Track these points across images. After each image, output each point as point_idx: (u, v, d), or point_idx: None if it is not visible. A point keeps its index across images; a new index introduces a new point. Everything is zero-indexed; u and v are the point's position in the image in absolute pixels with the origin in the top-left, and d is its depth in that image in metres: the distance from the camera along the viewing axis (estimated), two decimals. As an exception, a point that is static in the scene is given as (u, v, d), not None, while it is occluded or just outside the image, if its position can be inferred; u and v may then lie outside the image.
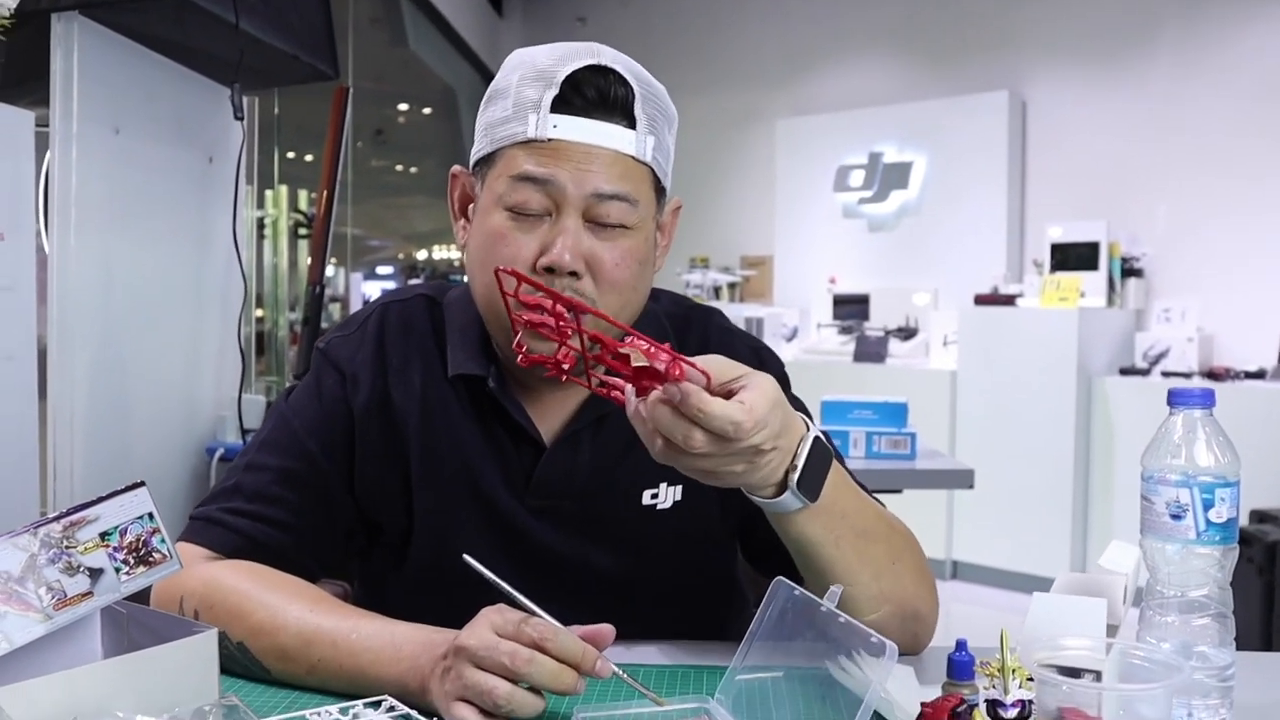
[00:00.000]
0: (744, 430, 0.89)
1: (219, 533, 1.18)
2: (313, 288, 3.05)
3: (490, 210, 1.12)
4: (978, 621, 4.32)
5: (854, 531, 1.05)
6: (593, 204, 1.09)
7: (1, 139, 2.00)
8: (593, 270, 1.11)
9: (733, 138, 7.06)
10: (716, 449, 0.90)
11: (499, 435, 1.21)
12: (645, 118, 1.12)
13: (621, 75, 1.10)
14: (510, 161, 1.10)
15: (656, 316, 1.27)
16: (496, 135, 1.12)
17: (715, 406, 0.88)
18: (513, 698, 0.88)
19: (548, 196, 1.09)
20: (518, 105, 1.10)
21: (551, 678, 0.89)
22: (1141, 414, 4.74)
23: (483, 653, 0.90)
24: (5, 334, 2.02)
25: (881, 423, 2.83)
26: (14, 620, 0.85)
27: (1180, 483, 0.92)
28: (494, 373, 1.19)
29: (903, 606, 1.11)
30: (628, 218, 1.11)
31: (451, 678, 0.92)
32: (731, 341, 1.29)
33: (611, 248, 1.11)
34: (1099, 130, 5.62)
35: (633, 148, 1.11)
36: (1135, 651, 0.83)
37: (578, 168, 1.08)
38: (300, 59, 2.67)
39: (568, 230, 1.09)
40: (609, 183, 1.09)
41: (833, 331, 6.24)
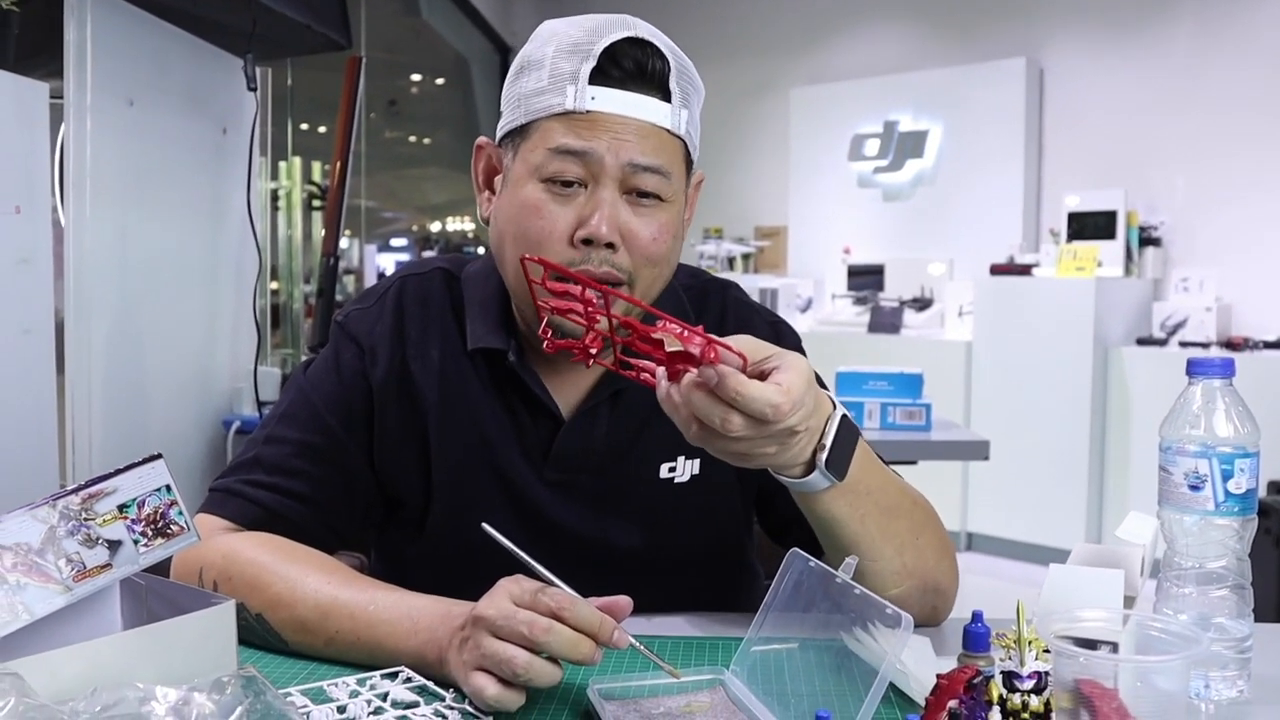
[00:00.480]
0: (782, 412, 0.88)
1: (238, 504, 1.18)
2: (327, 259, 3.06)
3: (524, 181, 1.11)
4: (992, 593, 4.33)
5: (879, 508, 1.05)
6: (629, 175, 1.09)
7: (16, 111, 2.00)
8: (628, 243, 1.10)
9: (747, 107, 7.02)
10: (753, 431, 0.89)
11: (517, 409, 1.21)
12: (679, 91, 1.12)
13: (658, 48, 1.10)
14: (547, 134, 1.09)
15: (673, 289, 1.27)
16: (532, 107, 1.11)
17: (753, 389, 0.87)
18: (531, 666, 0.89)
19: (584, 168, 1.09)
20: (554, 77, 1.09)
21: (569, 647, 0.89)
22: (1159, 384, 4.71)
23: (501, 622, 0.90)
24: (24, 308, 2.03)
25: (897, 394, 2.83)
26: (35, 592, 0.86)
27: (1199, 453, 0.91)
28: (514, 346, 1.20)
29: (924, 581, 1.11)
30: (663, 189, 1.11)
31: (470, 647, 0.92)
32: (749, 316, 1.29)
33: (647, 221, 1.11)
34: (1117, 98, 5.57)
35: (668, 120, 1.11)
36: (1152, 623, 0.82)
37: (615, 138, 1.08)
38: (313, 28, 2.66)
39: (604, 201, 1.09)
40: (644, 154, 1.09)
41: (847, 302, 6.22)
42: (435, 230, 9.54)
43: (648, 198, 1.11)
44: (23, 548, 0.86)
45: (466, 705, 0.92)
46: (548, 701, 0.94)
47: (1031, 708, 0.78)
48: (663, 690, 0.95)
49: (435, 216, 9.80)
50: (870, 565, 1.05)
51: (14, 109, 2.00)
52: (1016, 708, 0.78)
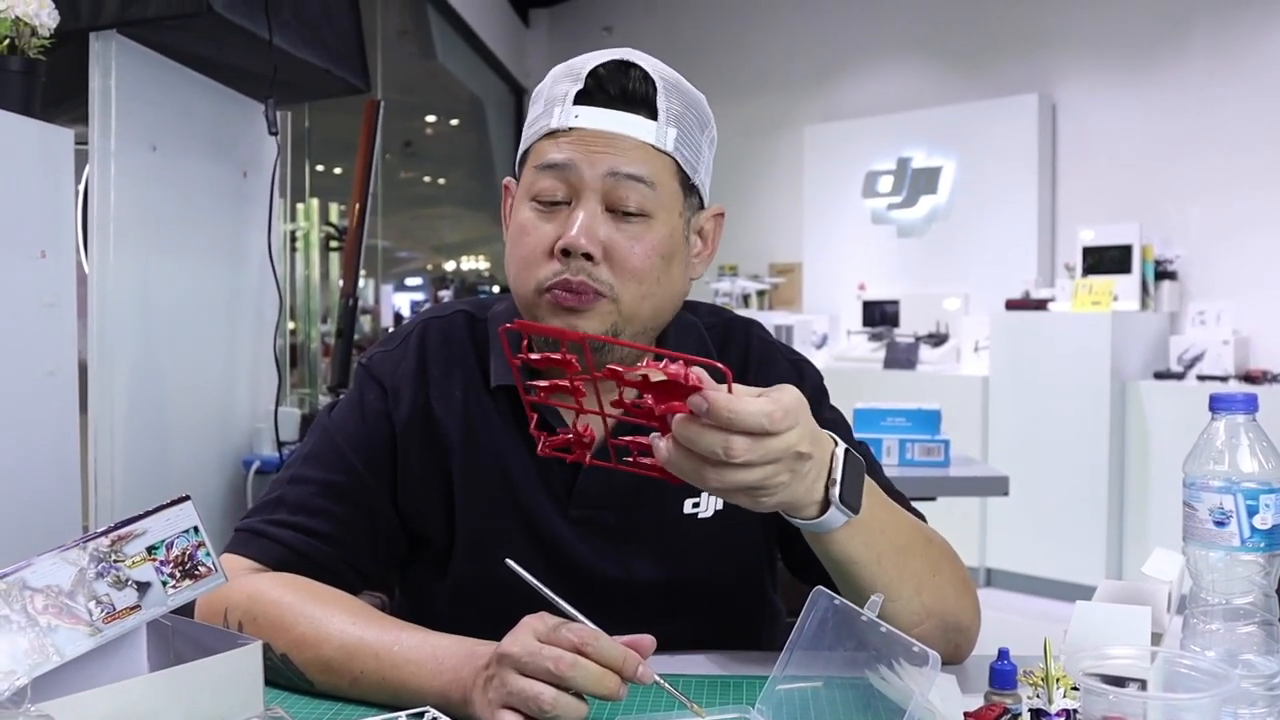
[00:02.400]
0: (776, 420, 0.87)
1: (263, 544, 1.19)
2: (346, 300, 3.08)
3: (520, 204, 1.17)
4: (1013, 629, 4.29)
5: (893, 547, 1.05)
6: (610, 186, 1.11)
7: (42, 157, 2.03)
8: (610, 257, 1.11)
9: (761, 145, 7.06)
10: (757, 454, 0.88)
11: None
12: (666, 111, 1.14)
13: (644, 70, 1.13)
14: (537, 154, 1.15)
15: (695, 328, 1.28)
16: (529, 133, 1.17)
17: (744, 403, 0.87)
18: (557, 703, 0.88)
19: (566, 183, 1.12)
20: (548, 102, 1.15)
21: (595, 682, 0.89)
22: (1177, 418, 4.69)
23: (526, 659, 0.90)
24: (48, 350, 2.05)
25: (914, 430, 2.82)
26: (65, 634, 0.87)
27: (1223, 489, 0.91)
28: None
29: (945, 619, 1.11)
30: (647, 203, 1.12)
31: (495, 685, 0.92)
32: (771, 354, 1.30)
33: (632, 238, 1.12)
34: (1130, 132, 5.58)
35: (653, 137, 1.13)
36: (1181, 660, 0.82)
37: (594, 152, 1.11)
38: (332, 73, 2.70)
39: (585, 211, 1.11)
40: (626, 164, 1.11)
41: (863, 338, 6.22)
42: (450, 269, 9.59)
43: (632, 216, 1.12)
44: (54, 590, 0.87)
45: (493, 745, 0.91)
46: (574, 740, 0.94)
47: (1060, 746, 0.78)
48: (689, 727, 0.95)
49: (450, 256, 9.86)
50: (889, 606, 1.04)
51: (39, 155, 2.03)
52: (1045, 746, 0.78)
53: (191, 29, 2.32)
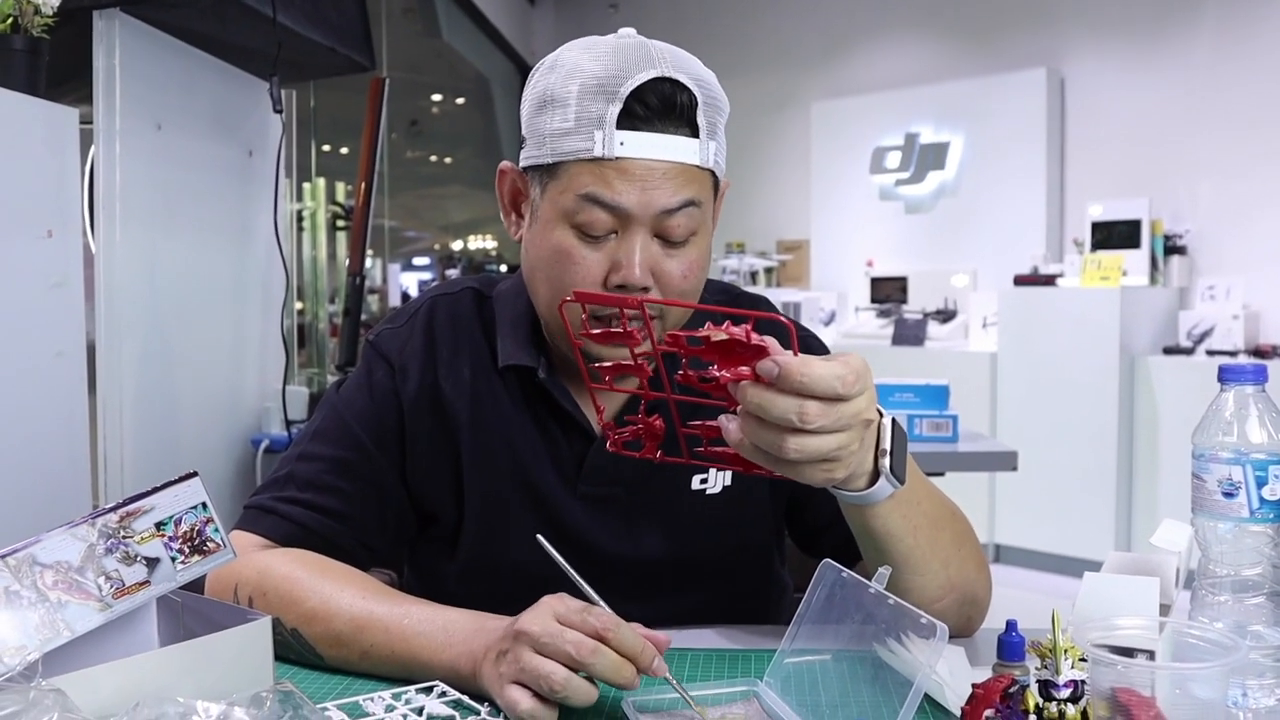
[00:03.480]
0: (849, 384, 0.86)
1: (273, 521, 1.19)
2: (353, 278, 3.08)
3: (554, 224, 1.11)
4: (1021, 605, 4.28)
5: (927, 519, 1.04)
6: (661, 220, 1.09)
7: (47, 136, 2.03)
8: (660, 283, 1.11)
9: (768, 122, 7.03)
10: (831, 418, 0.86)
11: (549, 425, 1.22)
12: (707, 123, 1.10)
13: (684, 84, 1.08)
14: (575, 179, 1.08)
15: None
16: (559, 148, 1.09)
17: (817, 366, 0.85)
18: (569, 684, 0.88)
19: (614, 217, 1.08)
20: (580, 120, 1.07)
21: (613, 670, 0.89)
22: (1186, 393, 4.68)
23: (545, 639, 0.90)
24: (56, 330, 2.05)
25: (923, 406, 2.82)
26: (75, 609, 0.87)
27: (1232, 460, 0.91)
28: (543, 363, 1.21)
29: (964, 593, 1.11)
30: (693, 223, 1.10)
31: (508, 661, 0.92)
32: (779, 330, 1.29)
33: (680, 260, 1.11)
34: (1139, 106, 5.54)
35: (697, 157, 1.09)
36: (1190, 631, 0.82)
37: (644, 188, 1.07)
38: (337, 51, 2.69)
39: (636, 248, 1.08)
40: (674, 195, 1.08)
41: (871, 315, 6.21)
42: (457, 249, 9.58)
43: (679, 240, 1.10)
44: (63, 565, 0.88)
45: (502, 719, 0.92)
46: (582, 715, 0.94)
47: (1068, 716, 0.78)
48: (696, 703, 0.95)
49: (457, 235, 9.85)
50: (918, 580, 1.04)
51: (45, 134, 2.03)
52: (1053, 716, 0.78)
53: (195, 6, 2.32)
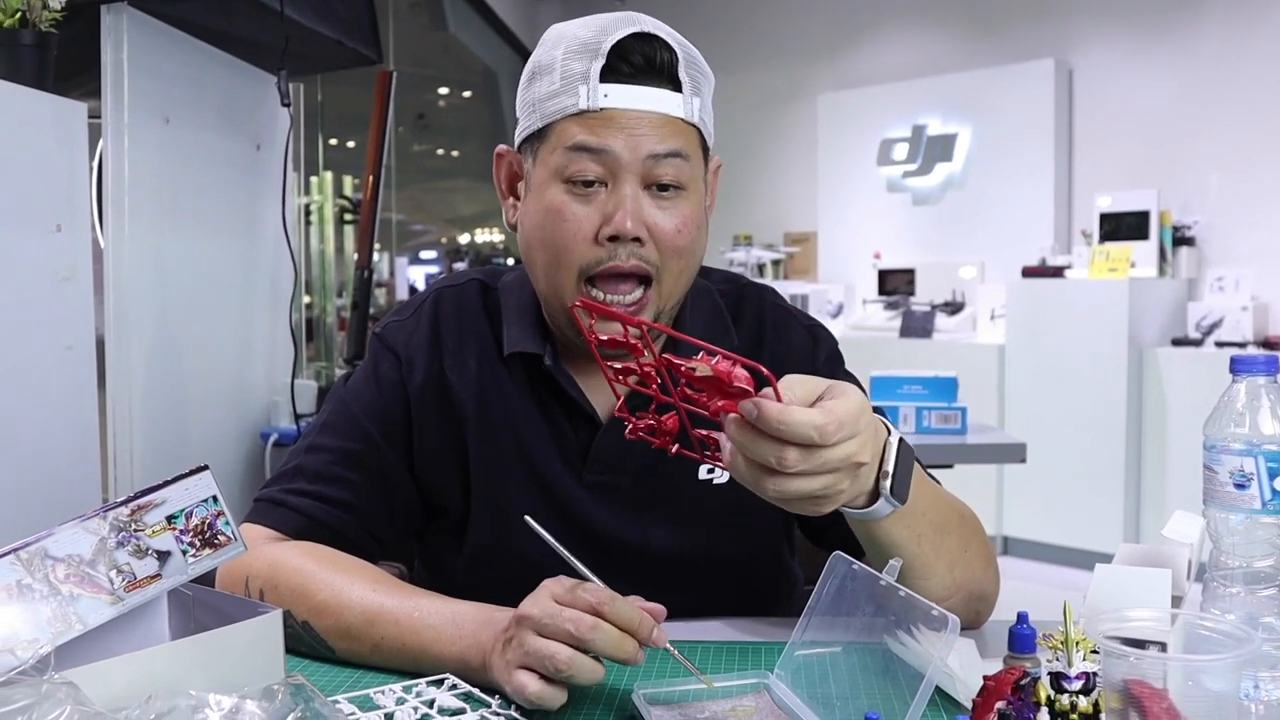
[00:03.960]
0: (828, 433, 0.85)
1: (282, 513, 1.20)
2: (360, 272, 3.08)
3: (546, 184, 1.14)
4: (1030, 597, 4.28)
5: (932, 526, 1.04)
6: (649, 167, 1.11)
7: (56, 131, 2.03)
8: (654, 236, 1.12)
9: (774, 114, 7.01)
10: (812, 465, 0.86)
11: (555, 413, 1.22)
12: (689, 80, 1.14)
13: (665, 40, 1.12)
14: (564, 134, 1.12)
15: (710, 295, 1.28)
16: (547, 110, 1.13)
17: (794, 414, 0.84)
18: (574, 663, 0.89)
19: (603, 165, 1.11)
20: (565, 79, 1.11)
21: (615, 645, 0.89)
22: (1195, 385, 4.67)
23: (545, 620, 0.90)
24: (65, 325, 2.06)
25: (931, 398, 2.82)
26: (87, 603, 0.87)
27: (1244, 451, 0.90)
28: (549, 350, 1.21)
29: (971, 591, 1.11)
30: (682, 175, 1.13)
31: (513, 646, 0.93)
32: (786, 320, 1.30)
33: (671, 214, 1.13)
34: (1148, 97, 5.52)
35: (681, 110, 1.12)
36: (1202, 622, 0.82)
37: (630, 134, 1.10)
38: (344, 44, 2.69)
39: (627, 197, 1.11)
40: (661, 143, 1.11)
41: (878, 307, 6.20)
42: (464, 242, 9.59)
43: (668, 190, 1.13)
44: (75, 559, 0.88)
45: (513, 711, 0.92)
46: (593, 706, 0.95)
47: (1080, 709, 0.78)
48: (707, 695, 0.95)
49: (464, 228, 9.85)
50: (922, 583, 1.04)
51: (53, 129, 2.03)
52: (1065, 709, 0.78)
53: (203, 0, 2.32)
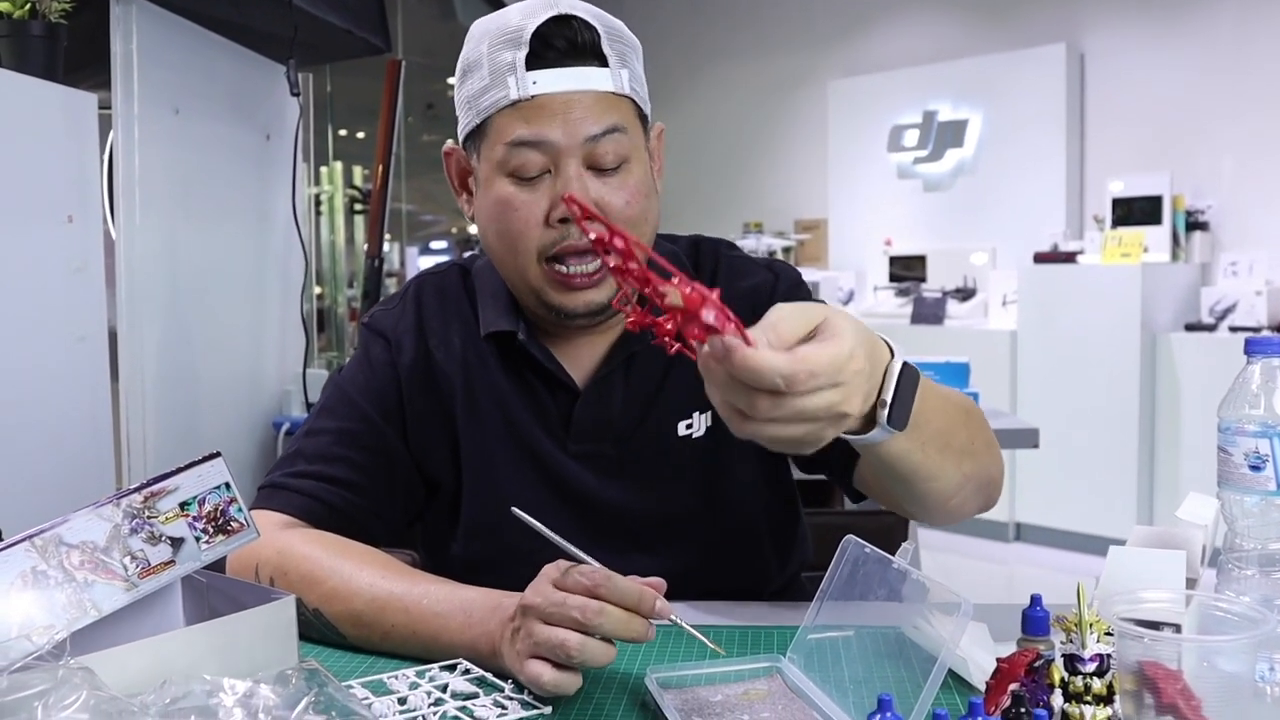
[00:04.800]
0: (797, 382, 0.77)
1: (285, 496, 1.21)
2: (371, 260, 3.08)
3: (492, 179, 1.16)
4: (1043, 583, 4.28)
5: (937, 434, 1.02)
6: (589, 149, 1.13)
7: (66, 122, 2.03)
8: (605, 214, 1.11)
9: (784, 101, 6.99)
10: (784, 413, 0.79)
11: (535, 386, 1.25)
12: (615, 54, 1.15)
13: (584, 20, 1.14)
14: (500, 129, 1.14)
15: (677, 256, 1.29)
16: (481, 105, 1.15)
17: (760, 359, 0.77)
18: (585, 648, 0.89)
19: (544, 154, 1.13)
20: (494, 72, 1.13)
21: (622, 626, 0.90)
22: (1209, 370, 4.65)
23: (550, 609, 0.91)
24: (77, 315, 2.07)
25: (943, 383, 2.81)
26: (101, 589, 0.88)
27: (1259, 433, 0.90)
28: (522, 327, 1.24)
29: (979, 480, 1.12)
30: (623, 149, 1.15)
31: (522, 636, 0.93)
32: (743, 267, 1.32)
33: (618, 189, 1.15)
34: (1160, 81, 5.49)
35: (610, 84, 1.14)
36: (1216, 604, 0.81)
37: (565, 120, 1.12)
38: (353, 33, 2.69)
39: (571, 179, 1.13)
40: (597, 122, 1.13)
41: (890, 294, 6.18)
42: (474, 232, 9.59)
43: (611, 167, 1.14)
44: (89, 546, 0.88)
45: (526, 695, 0.92)
46: (606, 691, 0.95)
47: (1094, 690, 0.78)
48: (720, 679, 0.95)
49: (474, 218, 9.83)
50: (931, 485, 1.04)
51: (64, 120, 2.03)
52: (1079, 690, 0.78)
53: (211, -10, 2.32)
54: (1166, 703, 0.75)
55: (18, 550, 0.86)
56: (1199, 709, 0.75)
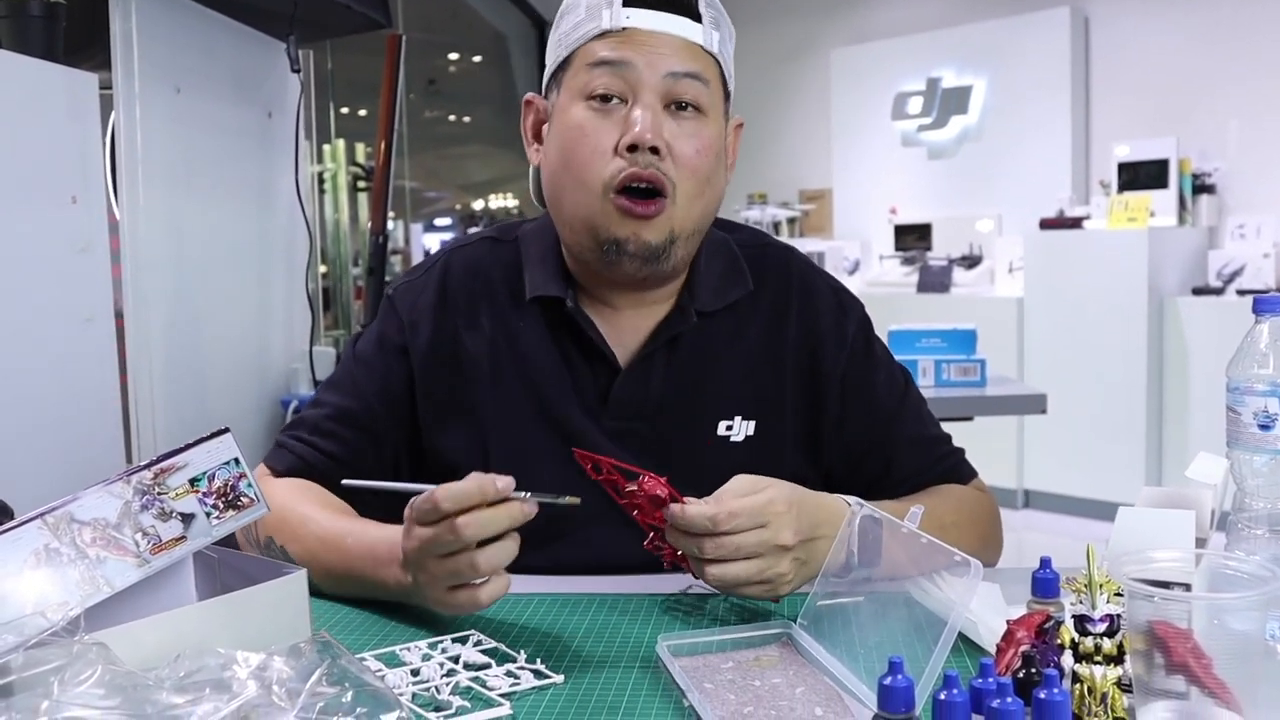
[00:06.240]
0: (719, 521, 0.96)
1: (281, 454, 1.28)
2: (375, 238, 3.08)
3: (568, 106, 1.17)
4: (1051, 548, 4.27)
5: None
6: (669, 84, 1.14)
7: (67, 102, 2.03)
8: (672, 154, 1.14)
9: (787, 71, 6.95)
10: (725, 551, 0.97)
11: (574, 357, 1.24)
12: (710, 15, 1.17)
13: None
14: (586, 53, 1.15)
15: (726, 244, 1.29)
16: (571, 39, 1.17)
17: (688, 510, 0.97)
18: (483, 560, 0.94)
19: (624, 80, 1.14)
20: (590, 8, 1.15)
21: (490, 523, 0.93)
22: (1216, 334, 4.63)
23: (429, 547, 0.95)
24: (83, 296, 2.07)
25: (950, 350, 2.81)
26: (114, 565, 0.88)
27: (1268, 392, 0.90)
28: (570, 294, 1.23)
29: None
30: (701, 97, 1.15)
31: (428, 583, 0.98)
32: (814, 281, 1.31)
33: (690, 135, 1.15)
34: (1165, 43, 5.44)
35: (700, 37, 1.16)
36: (1226, 562, 0.81)
37: (651, 51, 1.13)
38: (352, 8, 2.67)
39: (646, 108, 1.13)
40: (681, 64, 1.14)
41: (895, 263, 6.17)
42: (479, 208, 9.57)
43: (688, 109, 1.15)
44: (101, 523, 0.89)
45: (539, 665, 0.93)
46: (617, 660, 0.95)
47: (1104, 650, 0.78)
48: (731, 645, 0.96)
49: (478, 194, 9.83)
50: None
51: (65, 100, 2.03)
52: (1089, 651, 0.78)
53: (209, -33, 2.30)
54: (1177, 662, 0.75)
55: (30, 528, 0.86)
56: (1210, 668, 0.75)
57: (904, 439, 1.28)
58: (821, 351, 1.26)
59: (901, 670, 0.71)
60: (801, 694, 0.86)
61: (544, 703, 0.87)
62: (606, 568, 1.19)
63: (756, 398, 1.24)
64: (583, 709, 0.86)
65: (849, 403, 1.26)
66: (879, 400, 1.28)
